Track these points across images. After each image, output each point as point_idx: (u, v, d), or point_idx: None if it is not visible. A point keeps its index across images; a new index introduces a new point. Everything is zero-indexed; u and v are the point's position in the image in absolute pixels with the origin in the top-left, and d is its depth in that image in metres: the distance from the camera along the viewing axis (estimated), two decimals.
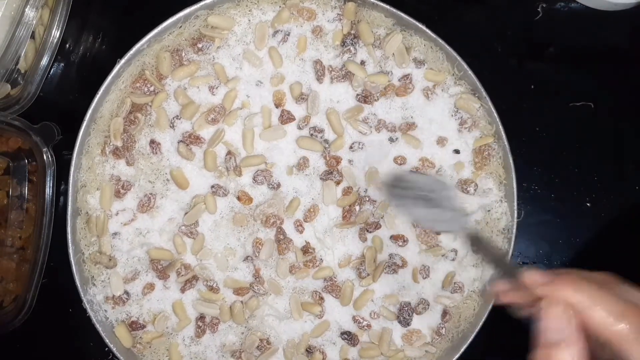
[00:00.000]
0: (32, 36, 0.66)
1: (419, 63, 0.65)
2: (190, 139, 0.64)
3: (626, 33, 0.72)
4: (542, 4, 0.71)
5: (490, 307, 0.63)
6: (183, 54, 0.65)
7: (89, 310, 0.64)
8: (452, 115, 0.65)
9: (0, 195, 0.67)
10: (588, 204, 0.70)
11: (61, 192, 0.67)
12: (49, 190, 0.65)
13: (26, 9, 0.64)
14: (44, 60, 0.66)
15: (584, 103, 0.70)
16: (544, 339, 0.42)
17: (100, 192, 0.64)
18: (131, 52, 0.63)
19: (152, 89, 0.65)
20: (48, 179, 0.65)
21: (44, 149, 0.64)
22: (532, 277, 0.44)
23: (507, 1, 0.72)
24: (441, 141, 0.65)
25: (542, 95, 0.71)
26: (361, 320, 0.65)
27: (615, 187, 0.70)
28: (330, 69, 0.65)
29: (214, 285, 0.65)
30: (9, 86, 0.67)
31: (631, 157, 0.70)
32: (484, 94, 0.63)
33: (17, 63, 0.66)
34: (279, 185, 0.65)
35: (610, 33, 0.72)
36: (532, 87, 0.71)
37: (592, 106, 0.70)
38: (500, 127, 0.64)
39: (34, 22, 0.65)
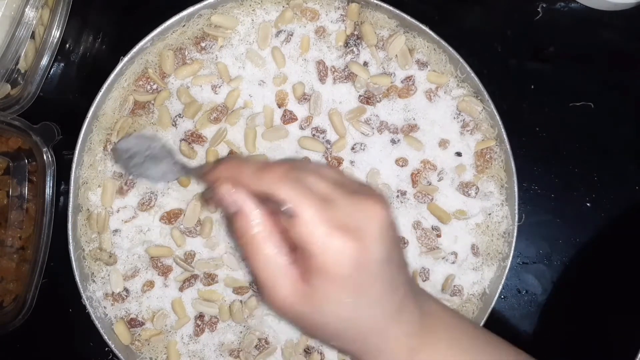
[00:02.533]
0: (32, 36, 0.66)
1: (422, 65, 0.65)
2: (193, 138, 0.64)
3: (626, 33, 0.72)
4: (542, 4, 0.71)
5: (489, 310, 0.64)
6: (186, 53, 0.65)
7: (88, 306, 0.64)
8: (455, 118, 0.65)
9: (0, 195, 0.67)
10: (588, 204, 0.70)
11: (61, 192, 0.67)
12: (49, 190, 0.64)
13: (26, 9, 0.63)
14: (44, 60, 0.66)
15: (584, 103, 0.70)
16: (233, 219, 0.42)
17: (102, 189, 0.64)
18: (135, 49, 0.63)
19: (154, 87, 0.65)
20: (48, 178, 0.64)
21: (44, 149, 0.64)
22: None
23: (507, 1, 0.72)
24: (443, 143, 0.65)
25: (542, 95, 0.71)
26: None
27: (615, 187, 0.70)
28: (333, 69, 0.65)
29: (214, 277, 0.65)
30: (9, 86, 0.66)
31: (631, 157, 0.70)
32: (487, 96, 0.63)
33: (17, 63, 0.66)
34: None
35: (610, 33, 0.72)
36: (532, 87, 0.71)
37: (592, 106, 0.70)
38: (503, 130, 0.63)
39: (34, 22, 0.64)
